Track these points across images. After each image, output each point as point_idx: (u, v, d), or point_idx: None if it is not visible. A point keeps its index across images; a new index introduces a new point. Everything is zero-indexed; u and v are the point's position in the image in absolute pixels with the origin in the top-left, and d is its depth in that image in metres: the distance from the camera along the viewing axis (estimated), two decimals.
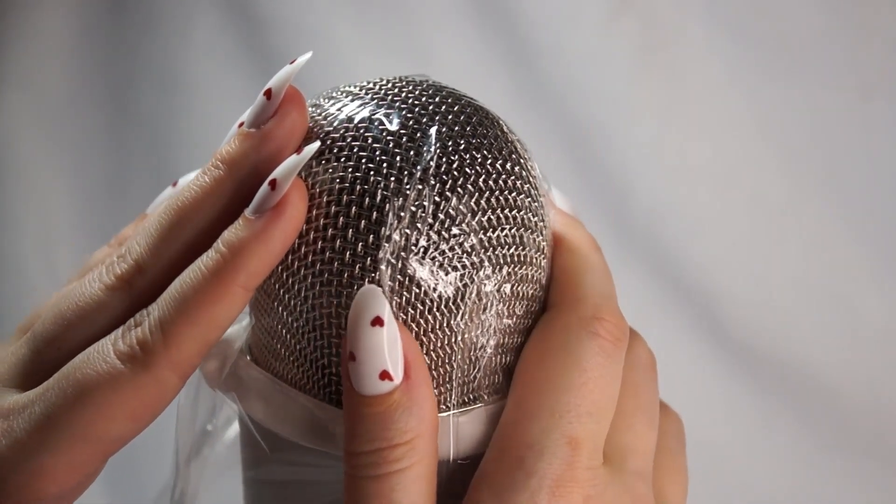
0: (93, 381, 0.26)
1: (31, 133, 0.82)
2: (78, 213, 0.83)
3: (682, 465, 0.32)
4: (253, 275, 0.27)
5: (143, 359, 0.26)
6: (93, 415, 0.26)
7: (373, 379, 0.26)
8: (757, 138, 0.80)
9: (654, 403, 0.31)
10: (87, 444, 0.26)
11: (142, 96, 0.83)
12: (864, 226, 0.79)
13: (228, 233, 0.27)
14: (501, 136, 0.29)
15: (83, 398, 0.26)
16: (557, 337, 0.28)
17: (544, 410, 0.27)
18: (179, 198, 0.28)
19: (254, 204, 0.27)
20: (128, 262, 0.28)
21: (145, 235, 0.28)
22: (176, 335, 0.26)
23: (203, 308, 0.26)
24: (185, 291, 0.26)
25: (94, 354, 0.27)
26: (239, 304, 0.27)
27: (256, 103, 0.28)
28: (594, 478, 0.27)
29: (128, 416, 0.26)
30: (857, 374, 0.79)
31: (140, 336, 0.26)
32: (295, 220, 0.27)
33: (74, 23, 0.82)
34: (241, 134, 0.28)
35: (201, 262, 0.27)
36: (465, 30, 0.80)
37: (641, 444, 0.29)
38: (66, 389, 0.26)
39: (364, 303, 0.26)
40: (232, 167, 0.28)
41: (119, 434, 0.27)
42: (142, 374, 0.26)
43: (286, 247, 0.27)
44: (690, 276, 0.81)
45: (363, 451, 0.26)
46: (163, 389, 0.27)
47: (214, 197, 0.28)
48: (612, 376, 0.28)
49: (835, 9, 0.76)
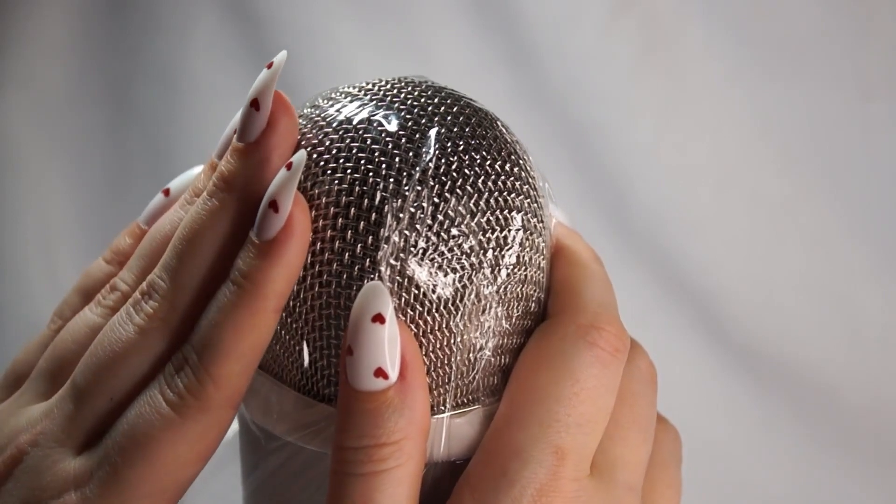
0: (153, 437, 0.26)
1: (31, 133, 0.83)
2: (78, 213, 0.83)
3: (675, 479, 0.32)
4: (279, 296, 0.27)
5: (198, 405, 0.26)
6: (160, 471, 0.26)
7: (367, 375, 0.26)
8: (757, 138, 0.80)
9: (651, 416, 0.30)
10: (162, 496, 0.27)
11: (142, 96, 0.83)
12: (864, 225, 0.79)
13: (245, 261, 0.27)
14: (500, 138, 0.29)
15: (148, 456, 0.26)
16: (554, 345, 0.28)
17: (533, 419, 0.27)
18: (192, 224, 0.28)
19: (260, 227, 0.27)
20: (157, 300, 0.28)
21: (166, 269, 0.28)
22: (224, 374, 0.26)
23: (242, 342, 0.26)
24: (222, 330, 0.26)
25: (147, 408, 0.27)
26: (272, 326, 0.27)
27: (245, 114, 0.28)
28: (579, 489, 0.27)
29: (195, 460, 0.27)
30: (857, 373, 0.79)
31: (188, 383, 0.26)
32: (304, 234, 0.27)
33: (74, 23, 0.83)
34: (238, 151, 0.28)
35: (228, 295, 0.27)
36: (465, 30, 0.80)
37: (634, 456, 0.29)
38: (127, 449, 0.26)
39: (367, 298, 0.26)
40: (234, 187, 0.28)
41: (189, 477, 0.27)
42: (201, 418, 0.26)
43: (303, 260, 0.27)
44: (690, 276, 0.81)
45: (350, 447, 0.26)
46: (223, 425, 0.27)
47: (223, 219, 0.28)
48: (607, 387, 0.28)
49: (835, 9, 0.76)
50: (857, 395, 0.79)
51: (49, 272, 0.81)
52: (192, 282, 0.28)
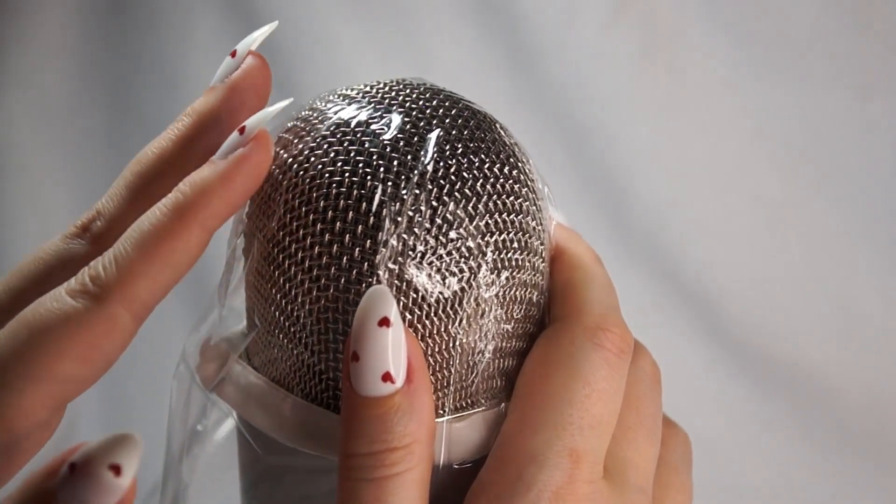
0: (43, 321, 0.25)
1: (31, 133, 0.82)
2: (78, 213, 0.83)
3: (686, 484, 0.32)
4: (212, 215, 0.26)
5: (94, 292, 0.25)
6: (40, 352, 0.25)
7: (375, 380, 0.25)
8: (757, 138, 0.80)
9: (657, 417, 0.30)
10: (36, 384, 0.25)
11: (142, 96, 0.83)
12: (864, 226, 0.79)
13: (193, 174, 0.27)
14: (499, 140, 0.29)
15: (32, 338, 0.25)
16: (562, 349, 0.28)
17: (547, 422, 0.27)
18: (143, 150, 0.29)
19: (222, 149, 0.27)
20: (89, 213, 0.28)
21: (111, 188, 0.28)
22: (129, 269, 0.25)
23: (159, 243, 0.26)
24: (141, 226, 0.26)
25: (48, 297, 0.26)
26: (196, 244, 0.26)
27: (224, 63, 0.30)
28: (594, 492, 0.27)
29: (78, 355, 0.25)
30: (857, 373, 0.79)
31: (92, 272, 0.26)
32: (259, 165, 0.27)
33: (74, 23, 0.82)
34: (207, 89, 0.29)
35: (162, 201, 0.27)
36: (465, 30, 0.80)
37: (642, 458, 0.29)
38: (16, 331, 0.25)
39: (372, 302, 0.26)
40: (196, 117, 0.29)
41: (69, 374, 0.26)
42: (93, 308, 0.25)
43: (248, 192, 0.27)
44: (690, 276, 0.81)
45: (360, 454, 0.26)
46: (114, 326, 0.26)
47: (179, 146, 0.28)
48: (616, 389, 0.28)
49: (834, 9, 0.76)
50: (857, 394, 0.79)
51: None
52: (129, 196, 0.28)
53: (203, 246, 0.27)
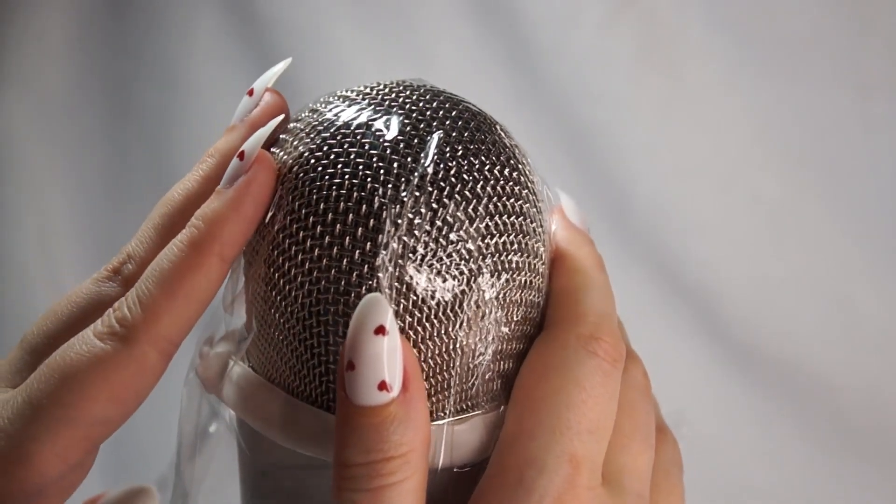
0: (73, 364, 0.26)
1: (31, 133, 0.83)
2: (78, 213, 0.83)
3: (677, 486, 0.32)
4: (228, 244, 0.27)
5: (121, 333, 0.26)
6: (72, 396, 0.26)
7: (371, 389, 0.25)
8: (757, 138, 0.80)
9: (650, 424, 0.31)
10: (69, 428, 0.26)
11: (142, 96, 0.83)
12: (864, 225, 0.79)
13: (202, 207, 0.27)
14: (499, 142, 0.29)
15: (63, 381, 0.26)
16: (557, 354, 0.28)
17: (545, 427, 0.27)
18: (169, 192, 0.29)
19: (226, 177, 0.28)
20: (120, 256, 0.29)
21: (139, 231, 0.29)
22: (153, 308, 0.26)
23: (180, 280, 0.26)
24: (161, 265, 0.27)
25: (76, 340, 0.27)
26: (216, 276, 0.27)
27: (242, 102, 0.30)
28: (595, 498, 0.27)
29: (110, 396, 0.26)
30: (857, 373, 0.79)
31: (118, 314, 0.26)
32: (265, 186, 0.27)
33: (74, 23, 0.83)
34: (228, 128, 0.30)
35: (178, 237, 0.27)
36: (466, 30, 0.80)
37: (638, 464, 0.29)
38: (47, 375, 0.26)
39: (367, 310, 0.25)
40: (219, 157, 0.29)
41: (102, 416, 0.26)
42: (121, 349, 0.26)
43: (259, 214, 0.28)
44: (690, 276, 0.81)
45: (356, 463, 0.25)
46: (143, 366, 0.26)
47: (204, 186, 0.29)
48: (611, 395, 0.28)
49: (834, 9, 0.76)
50: (857, 394, 0.79)
51: (49, 273, 0.81)
52: (156, 237, 0.28)
53: (223, 276, 0.27)
